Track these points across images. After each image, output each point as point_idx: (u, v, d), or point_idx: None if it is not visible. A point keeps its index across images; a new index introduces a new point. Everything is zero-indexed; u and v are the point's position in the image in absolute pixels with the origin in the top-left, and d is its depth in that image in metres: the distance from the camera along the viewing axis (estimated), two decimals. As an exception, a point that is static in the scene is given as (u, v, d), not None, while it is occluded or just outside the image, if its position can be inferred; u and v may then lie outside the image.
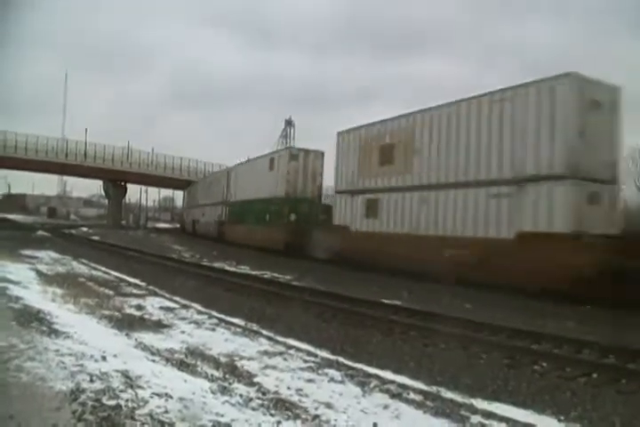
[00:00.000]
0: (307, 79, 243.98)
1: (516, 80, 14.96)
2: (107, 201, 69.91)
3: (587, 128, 13.86)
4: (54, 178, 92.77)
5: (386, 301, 12.08)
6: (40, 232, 38.81)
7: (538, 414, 5.28)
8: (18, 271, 14.41)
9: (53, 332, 7.28)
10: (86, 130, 66.44)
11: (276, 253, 25.08)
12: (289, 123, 69.86)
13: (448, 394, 5.73)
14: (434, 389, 5.90)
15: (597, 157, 14.04)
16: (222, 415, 4.58)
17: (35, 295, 10.59)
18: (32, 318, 8.04)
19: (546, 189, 13.99)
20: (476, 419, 4.99)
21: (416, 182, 18.09)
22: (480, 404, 5.45)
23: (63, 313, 8.92)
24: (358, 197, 21.06)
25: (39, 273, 14.70)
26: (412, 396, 5.59)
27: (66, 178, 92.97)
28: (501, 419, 5.02)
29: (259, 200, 29.59)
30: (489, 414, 5.12)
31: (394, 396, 5.57)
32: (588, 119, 13.89)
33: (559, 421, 5.12)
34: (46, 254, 21.09)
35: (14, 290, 10.90)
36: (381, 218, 19.51)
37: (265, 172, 29.28)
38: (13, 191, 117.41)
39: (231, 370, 6.28)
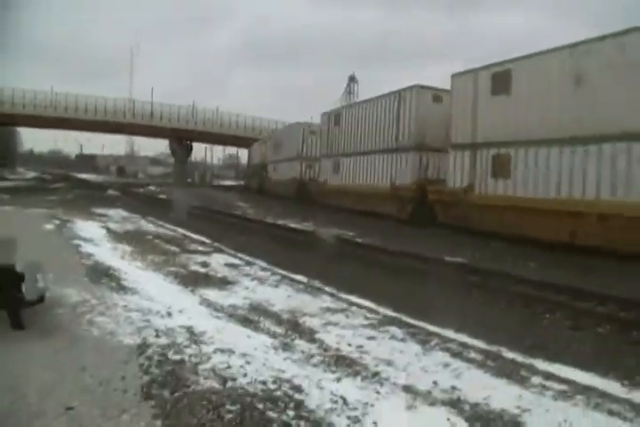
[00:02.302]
0: (377, 34, 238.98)
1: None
2: (173, 160, 71.18)
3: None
4: (123, 138, 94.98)
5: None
6: (110, 191, 39.90)
7: (600, 377, 5.15)
8: (89, 229, 14.91)
9: (122, 288, 7.54)
10: (152, 89, 67.77)
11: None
12: (352, 79, 69.00)
13: (509, 354, 5.66)
14: (494, 348, 5.84)
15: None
16: (283, 371, 4.67)
17: (105, 252, 10.96)
18: (102, 275, 8.36)
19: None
20: (536, 380, 4.92)
21: (282, 158, 38.26)
22: (541, 365, 5.35)
23: (131, 270, 9.21)
24: (269, 164, 42.43)
25: (109, 231, 15.16)
26: (472, 355, 5.55)
27: (133, 138, 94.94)
28: (562, 381, 4.92)
29: (256, 164, 48.36)
30: (549, 376, 5.04)
31: (454, 355, 5.54)
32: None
33: (622, 385, 4.98)
34: (116, 213, 21.71)
35: (86, 247, 11.31)
36: (277, 171, 39.77)
37: (257, 148, 49.31)
38: (85, 152, 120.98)
39: (293, 326, 6.37)
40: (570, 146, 14.10)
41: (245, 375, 4.46)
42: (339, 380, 4.67)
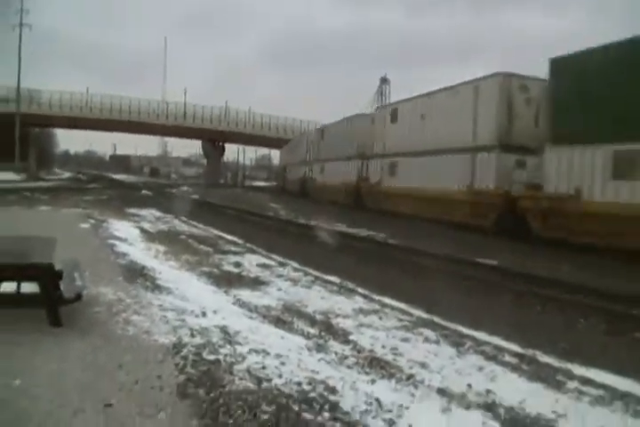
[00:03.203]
0: (406, 34, 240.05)
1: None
2: (205, 160, 71.78)
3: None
4: (156, 139, 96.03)
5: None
6: (143, 191, 40.40)
7: (639, 383, 5.05)
8: (124, 229, 15.08)
9: (157, 287, 7.60)
10: (185, 91, 68.67)
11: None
12: (384, 80, 68.65)
13: (544, 358, 5.59)
14: (529, 352, 5.77)
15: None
16: (317, 373, 4.66)
17: (139, 252, 11.07)
18: (137, 274, 8.43)
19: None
20: (572, 385, 4.85)
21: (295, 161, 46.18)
22: (577, 369, 5.28)
23: (165, 269, 9.29)
24: (287, 166, 50.30)
25: (143, 231, 15.33)
26: (507, 358, 5.50)
27: (166, 139, 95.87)
28: (599, 386, 4.85)
29: (281, 166, 56.60)
30: (586, 381, 4.97)
31: (489, 358, 5.49)
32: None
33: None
34: (149, 213, 21.93)
35: (121, 247, 11.44)
36: (291, 173, 47.67)
37: (283, 151, 55.33)
38: (118, 153, 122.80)
39: (327, 328, 6.37)
40: (422, 156, 23.45)
41: (280, 376, 4.47)
42: (373, 382, 4.65)
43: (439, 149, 21.86)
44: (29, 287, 5.37)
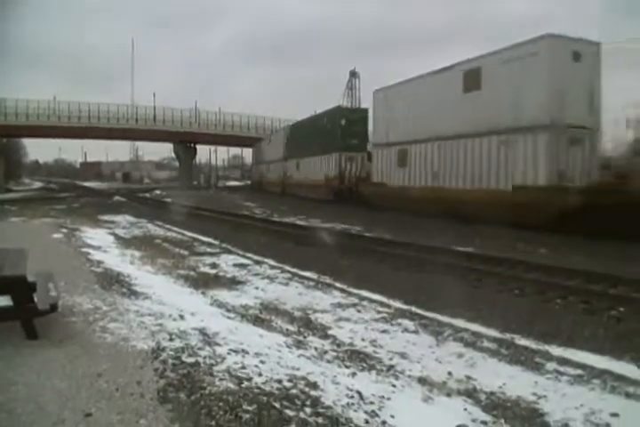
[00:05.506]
0: (377, 24, 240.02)
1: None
2: (177, 163, 71.30)
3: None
4: (127, 144, 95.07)
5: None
6: (116, 197, 40.05)
7: (615, 360, 5.15)
8: (98, 236, 14.96)
9: (133, 293, 7.54)
10: (154, 94, 68.26)
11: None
12: (353, 74, 68.85)
13: (522, 341, 5.67)
14: (508, 336, 5.85)
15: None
16: (298, 369, 4.67)
17: (114, 259, 10.99)
18: (113, 281, 8.34)
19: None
20: (551, 366, 4.93)
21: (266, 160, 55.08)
22: (555, 350, 5.36)
23: (141, 275, 9.23)
24: (257, 165, 57.08)
25: (117, 237, 15.22)
26: (485, 344, 5.57)
27: (138, 143, 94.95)
28: (577, 366, 4.94)
29: (251, 165, 66.27)
30: (564, 361, 5.05)
31: (468, 344, 5.56)
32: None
33: (639, 367, 4.97)
34: (123, 218, 21.78)
35: (95, 255, 11.33)
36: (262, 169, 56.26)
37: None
38: (89, 159, 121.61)
39: (305, 324, 6.39)
40: (272, 163, 49.46)
41: (260, 375, 4.46)
42: (354, 375, 4.68)
43: (275, 159, 46.28)
44: (3, 300, 5.29)
